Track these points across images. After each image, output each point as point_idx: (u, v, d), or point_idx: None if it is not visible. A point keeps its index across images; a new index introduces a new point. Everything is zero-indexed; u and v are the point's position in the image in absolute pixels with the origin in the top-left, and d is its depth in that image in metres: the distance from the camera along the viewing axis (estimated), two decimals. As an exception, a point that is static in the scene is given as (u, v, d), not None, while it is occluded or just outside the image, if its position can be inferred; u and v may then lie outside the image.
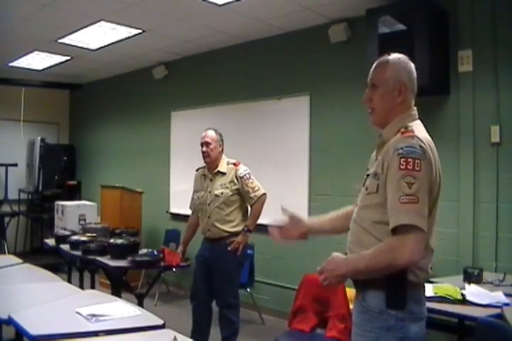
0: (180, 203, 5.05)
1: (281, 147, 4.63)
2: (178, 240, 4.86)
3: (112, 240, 3.70)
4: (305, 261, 4.15)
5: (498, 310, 2.24)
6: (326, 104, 4.33)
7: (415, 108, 1.71)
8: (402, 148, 1.50)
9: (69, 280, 3.88)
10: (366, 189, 1.63)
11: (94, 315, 2.07)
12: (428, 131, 1.66)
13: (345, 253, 1.67)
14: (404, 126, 1.60)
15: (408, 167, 1.47)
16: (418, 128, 1.62)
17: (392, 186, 1.50)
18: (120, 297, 2.93)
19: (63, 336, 1.86)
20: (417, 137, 1.53)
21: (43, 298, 2.38)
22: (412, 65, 1.70)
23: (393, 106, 1.67)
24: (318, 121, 4.38)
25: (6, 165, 6.61)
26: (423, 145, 1.51)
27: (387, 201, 1.52)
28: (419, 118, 1.70)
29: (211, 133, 3.50)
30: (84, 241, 3.85)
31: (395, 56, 1.70)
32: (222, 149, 3.52)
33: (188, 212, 3.77)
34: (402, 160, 1.48)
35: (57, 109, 7.73)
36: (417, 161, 1.47)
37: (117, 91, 6.88)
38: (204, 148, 3.44)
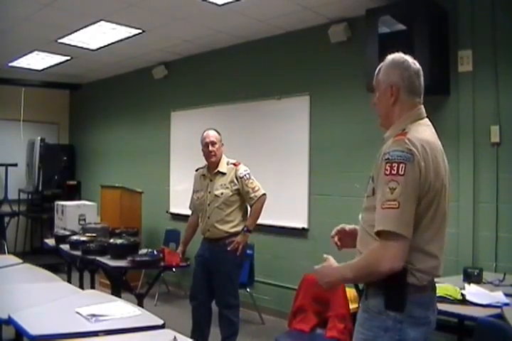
0: (180, 203, 5.04)
1: (281, 147, 4.63)
2: (178, 240, 4.86)
3: (111, 240, 3.70)
4: (305, 261, 4.14)
5: (498, 310, 2.25)
6: (326, 104, 4.33)
7: (421, 106, 1.67)
8: (388, 153, 1.50)
9: (69, 280, 3.87)
10: (367, 191, 1.65)
11: (94, 315, 2.07)
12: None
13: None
14: (402, 129, 1.59)
15: (392, 172, 1.47)
16: (417, 128, 1.59)
17: (379, 191, 1.51)
18: (120, 297, 2.94)
19: (63, 336, 1.86)
20: (408, 139, 1.50)
21: (43, 298, 2.38)
22: (409, 63, 1.64)
23: (389, 108, 1.67)
24: (318, 121, 4.38)
25: (6, 165, 6.60)
26: (412, 148, 1.48)
27: None
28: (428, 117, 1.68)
29: (214, 133, 3.50)
30: (84, 241, 3.85)
31: (390, 57, 1.69)
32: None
33: (188, 212, 3.77)
34: (387, 165, 1.49)
35: (57, 109, 7.73)
36: (401, 165, 1.46)
37: (117, 91, 6.88)
38: (211, 148, 3.43)
